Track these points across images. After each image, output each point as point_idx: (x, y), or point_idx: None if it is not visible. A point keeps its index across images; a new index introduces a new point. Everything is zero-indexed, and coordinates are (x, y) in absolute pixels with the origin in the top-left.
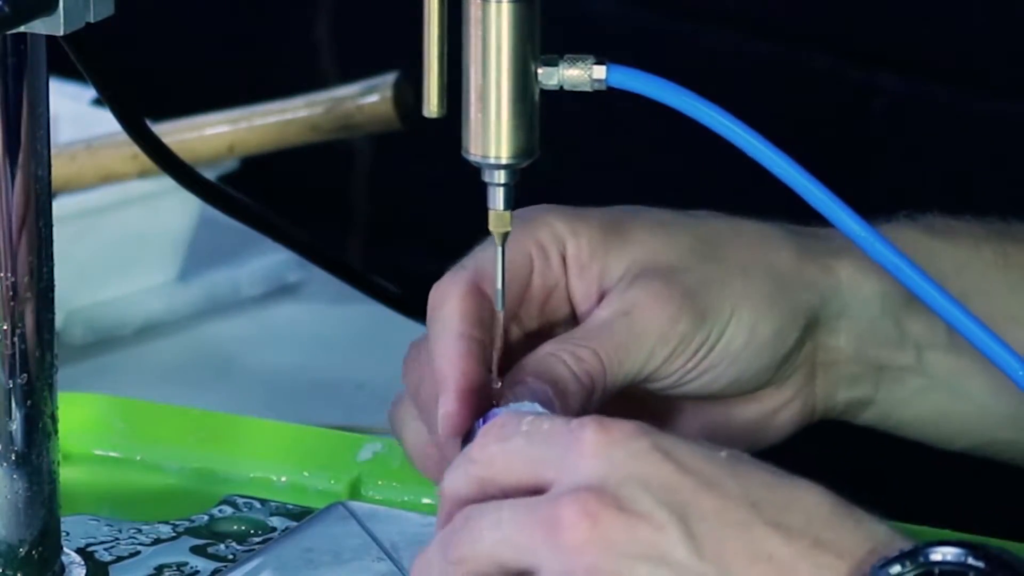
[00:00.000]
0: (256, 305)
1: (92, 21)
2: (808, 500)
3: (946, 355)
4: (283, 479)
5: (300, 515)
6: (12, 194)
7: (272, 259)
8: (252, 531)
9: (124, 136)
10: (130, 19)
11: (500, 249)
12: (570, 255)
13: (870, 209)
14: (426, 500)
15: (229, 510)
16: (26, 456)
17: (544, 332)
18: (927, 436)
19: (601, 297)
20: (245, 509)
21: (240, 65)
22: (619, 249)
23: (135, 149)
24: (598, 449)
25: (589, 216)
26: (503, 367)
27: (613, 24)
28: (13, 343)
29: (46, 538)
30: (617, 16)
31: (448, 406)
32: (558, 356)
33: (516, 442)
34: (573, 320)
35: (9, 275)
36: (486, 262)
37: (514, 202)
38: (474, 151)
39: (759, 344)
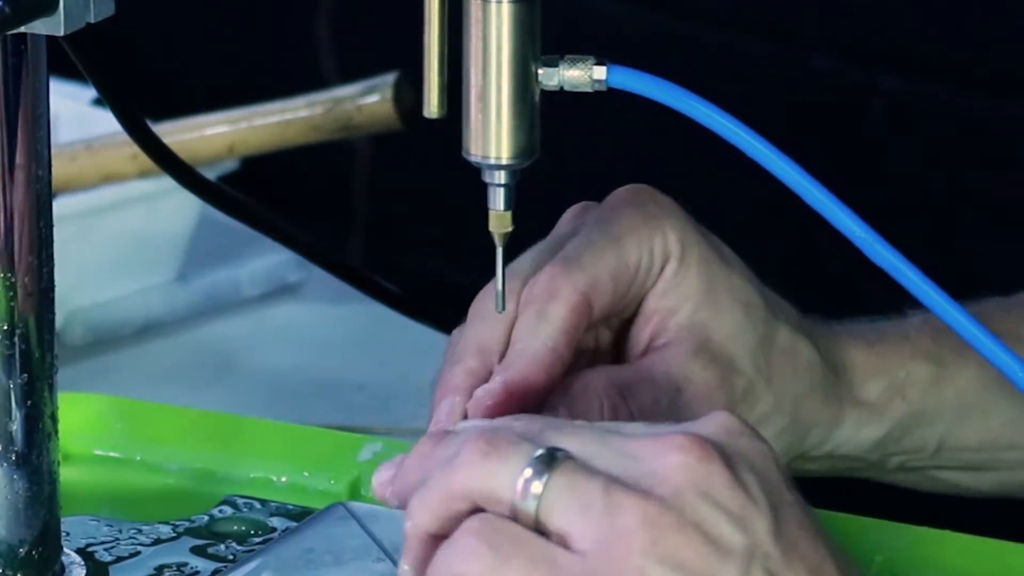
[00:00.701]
0: (256, 305)
1: (92, 21)
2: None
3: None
4: (283, 479)
5: (300, 515)
6: (12, 194)
7: (272, 259)
8: (252, 531)
9: (124, 136)
10: (130, 19)
11: (500, 250)
12: (663, 281)
13: (870, 209)
14: None
15: (229, 510)
16: (26, 456)
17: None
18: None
19: (654, 336)
20: (245, 509)
21: (240, 65)
22: (699, 307)
23: (135, 149)
24: None
25: (698, 245)
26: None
27: (613, 24)
28: (13, 343)
29: (46, 538)
30: (617, 16)
31: (495, 392)
32: (600, 400)
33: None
34: (613, 326)
35: (9, 275)
36: (602, 273)
37: (514, 202)
38: (474, 151)
39: None
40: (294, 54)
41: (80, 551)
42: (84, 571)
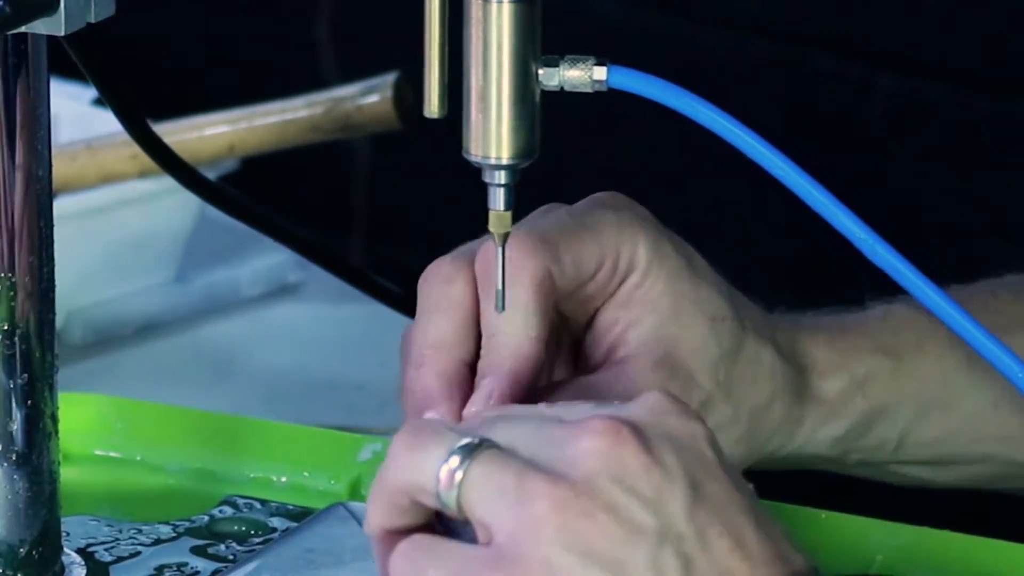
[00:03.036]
0: (256, 305)
1: (93, 21)
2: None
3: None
4: (283, 479)
5: (300, 516)
6: (12, 194)
7: (272, 259)
8: (252, 531)
9: (124, 136)
10: (130, 19)
11: (500, 250)
12: (625, 291)
13: (870, 209)
14: None
15: (229, 510)
16: (27, 456)
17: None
18: None
19: (614, 347)
20: (245, 510)
21: (240, 65)
22: (663, 322)
23: (135, 149)
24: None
25: (668, 259)
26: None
27: (613, 24)
28: (14, 343)
29: (46, 538)
30: (617, 16)
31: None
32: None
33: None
34: (568, 324)
35: (10, 275)
36: (564, 254)
37: (514, 202)
38: (474, 151)
39: None
40: (294, 54)
41: (80, 551)
42: (84, 571)
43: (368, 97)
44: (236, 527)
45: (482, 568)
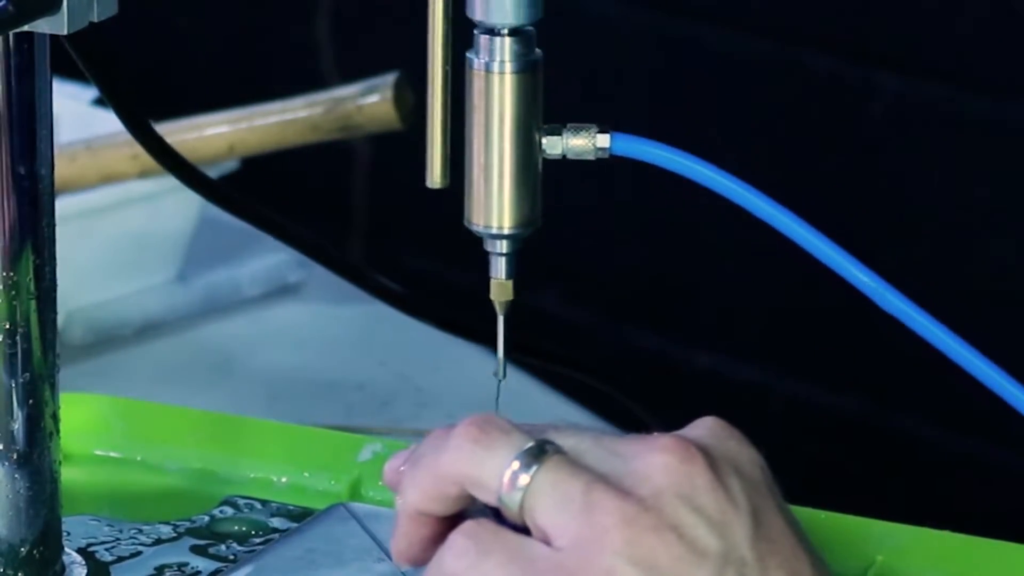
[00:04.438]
0: (256, 305)
1: (96, 20)
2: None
3: None
4: (283, 480)
5: (300, 516)
6: (13, 194)
7: (272, 259)
8: (253, 532)
9: (125, 136)
10: (131, 19)
11: (501, 318)
12: None
13: (870, 209)
14: None
15: (230, 511)
16: (28, 456)
17: None
18: None
19: None
20: (246, 510)
21: (240, 65)
22: None
23: (135, 149)
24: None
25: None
26: None
27: (614, 24)
28: (15, 342)
29: (47, 538)
30: (618, 16)
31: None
32: None
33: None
34: None
35: (11, 275)
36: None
37: (516, 271)
38: (476, 221)
39: None
40: (294, 54)
41: (81, 551)
42: (85, 571)
43: (368, 97)
44: (236, 527)
45: (545, 567)
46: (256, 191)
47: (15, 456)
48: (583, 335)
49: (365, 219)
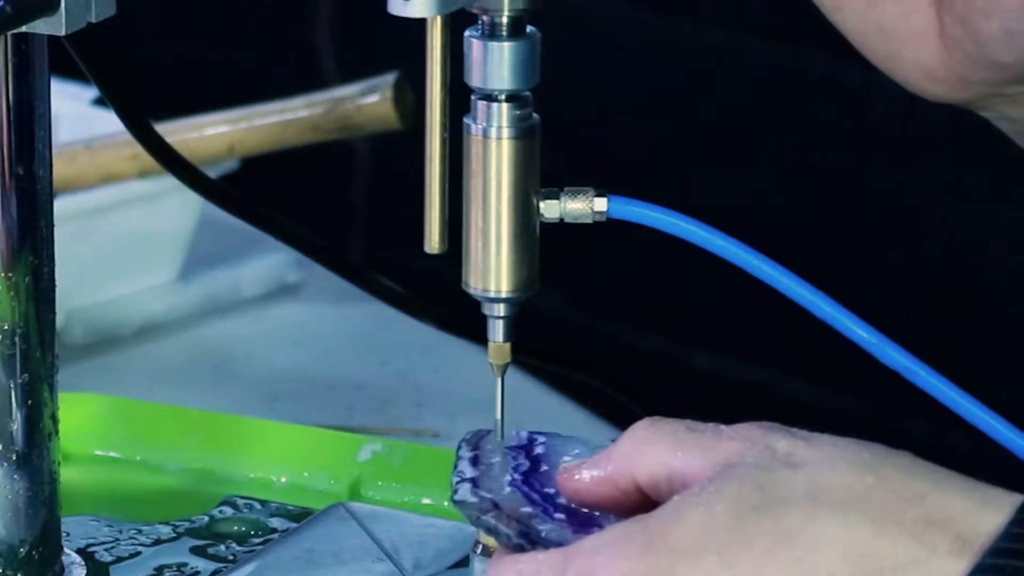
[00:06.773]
0: (256, 305)
1: (94, 21)
2: None
3: None
4: (283, 480)
5: (300, 516)
6: (12, 194)
7: (272, 259)
8: (252, 532)
9: (124, 136)
10: (131, 19)
11: (499, 381)
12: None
13: (869, 209)
14: (426, 501)
15: (229, 511)
16: (27, 456)
17: None
18: None
19: None
20: (245, 510)
21: (240, 65)
22: None
23: (135, 149)
24: None
25: None
26: None
27: (615, 24)
28: (14, 343)
29: (46, 538)
30: (619, 16)
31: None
32: None
33: None
34: None
35: (10, 275)
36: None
37: (514, 335)
38: (474, 285)
39: None
40: (294, 54)
41: (80, 551)
42: (84, 571)
43: (368, 97)
44: (236, 527)
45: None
46: (256, 191)
47: (14, 457)
48: (583, 335)
49: (365, 219)
